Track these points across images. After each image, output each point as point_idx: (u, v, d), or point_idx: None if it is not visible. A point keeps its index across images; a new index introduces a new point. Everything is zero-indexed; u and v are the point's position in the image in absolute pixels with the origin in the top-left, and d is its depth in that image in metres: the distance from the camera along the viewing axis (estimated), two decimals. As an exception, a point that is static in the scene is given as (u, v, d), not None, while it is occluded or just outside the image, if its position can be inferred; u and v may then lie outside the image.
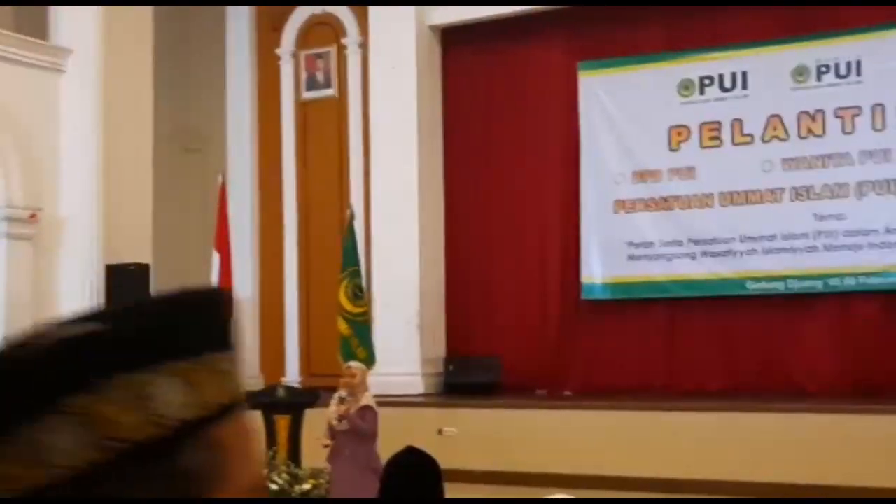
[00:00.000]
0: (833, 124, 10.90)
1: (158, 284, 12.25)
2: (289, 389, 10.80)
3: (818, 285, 10.94)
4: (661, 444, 10.23)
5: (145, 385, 0.74)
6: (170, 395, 0.75)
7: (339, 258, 10.87)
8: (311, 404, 10.01)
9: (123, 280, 11.87)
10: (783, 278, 11.04)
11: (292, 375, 13.05)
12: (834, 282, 10.85)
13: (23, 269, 11.80)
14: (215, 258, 10.04)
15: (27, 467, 0.73)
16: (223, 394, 0.79)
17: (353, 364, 7.90)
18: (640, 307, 11.80)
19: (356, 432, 7.35)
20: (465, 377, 12.09)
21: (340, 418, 7.61)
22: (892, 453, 9.28)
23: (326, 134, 13.30)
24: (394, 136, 12.49)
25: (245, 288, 13.04)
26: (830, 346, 10.85)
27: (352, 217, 10.80)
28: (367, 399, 7.48)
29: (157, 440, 0.74)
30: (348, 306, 10.14)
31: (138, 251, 12.13)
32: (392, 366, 11.68)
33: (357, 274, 10.31)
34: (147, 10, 12.63)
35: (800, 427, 9.87)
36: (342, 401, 7.85)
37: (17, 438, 0.73)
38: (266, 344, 13.49)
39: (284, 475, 9.66)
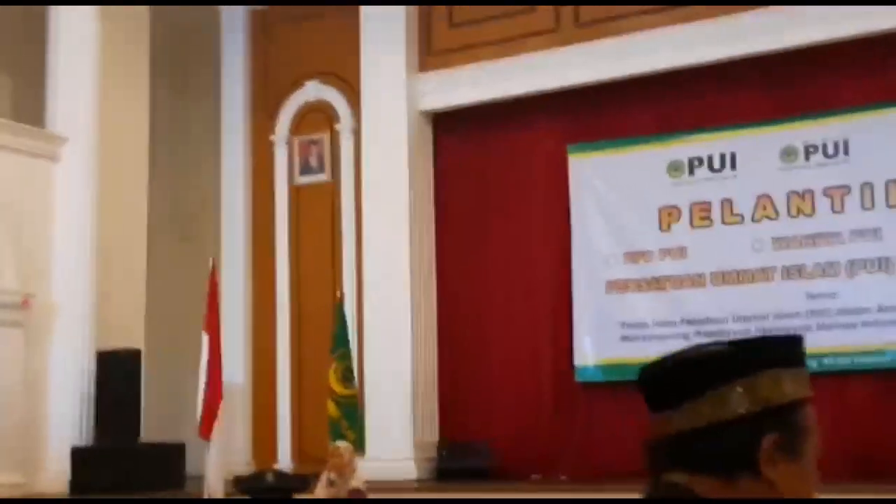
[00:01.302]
0: (822, 203, 10.93)
1: (149, 369, 12.20)
2: (279, 475, 10.69)
3: (813, 365, 10.74)
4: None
5: (776, 377, 1.47)
6: (787, 384, 1.48)
7: (330, 341, 10.81)
8: (301, 490, 9.90)
9: (114, 365, 11.81)
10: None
11: (284, 460, 12.90)
12: (828, 361, 10.76)
13: (14, 355, 11.74)
14: (204, 339, 9.98)
15: (713, 409, 1.45)
16: (803, 389, 1.50)
17: (341, 444, 7.76)
18: (633, 390, 11.64)
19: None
20: (459, 462, 11.95)
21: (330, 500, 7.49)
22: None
23: (319, 218, 13.35)
24: (386, 220, 12.54)
25: (237, 373, 12.96)
26: (825, 426, 10.67)
27: (342, 299, 10.78)
28: (357, 481, 7.35)
29: (783, 405, 1.47)
30: (338, 388, 10.05)
31: (130, 337, 12.10)
32: (384, 450, 11.55)
33: (347, 356, 10.25)
34: (143, 97, 12.79)
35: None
36: (332, 483, 7.72)
37: (704, 396, 1.46)
38: (258, 428, 13.37)
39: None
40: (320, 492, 7.71)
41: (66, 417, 11.89)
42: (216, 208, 14.03)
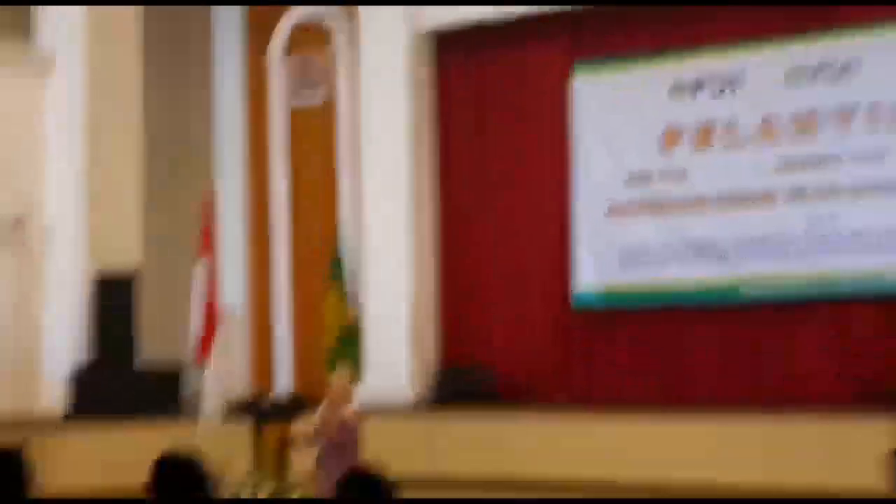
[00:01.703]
0: (827, 125, 10.75)
1: (146, 293, 12.11)
2: (276, 399, 10.68)
3: (813, 290, 10.78)
4: (656, 452, 10.07)
5: None
6: None
7: (329, 267, 10.71)
8: (299, 414, 9.88)
9: (110, 289, 11.72)
10: (778, 282, 10.88)
11: (283, 385, 12.88)
12: (829, 286, 10.68)
13: (7, 277, 11.65)
14: (200, 265, 9.89)
15: None
16: None
17: (334, 375, 7.70)
18: (633, 315, 11.63)
19: (336, 446, 7.17)
20: (458, 387, 11.93)
21: (317, 432, 7.44)
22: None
23: (317, 140, 13.15)
24: (385, 142, 12.35)
25: (235, 297, 12.89)
26: (826, 351, 10.68)
27: (339, 225, 10.64)
28: (349, 411, 7.29)
29: None
30: (336, 315, 10.00)
31: (126, 259, 11.98)
32: (383, 376, 11.52)
33: (345, 283, 10.16)
34: (134, 13, 12.46)
35: (797, 435, 9.71)
36: (324, 414, 7.68)
37: None
38: (256, 353, 13.34)
39: (272, 484, 9.53)
40: (316, 419, 7.66)
41: (62, 340, 11.83)
42: (212, 129, 13.82)
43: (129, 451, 10.52)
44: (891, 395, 10.02)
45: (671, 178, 11.38)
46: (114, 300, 11.70)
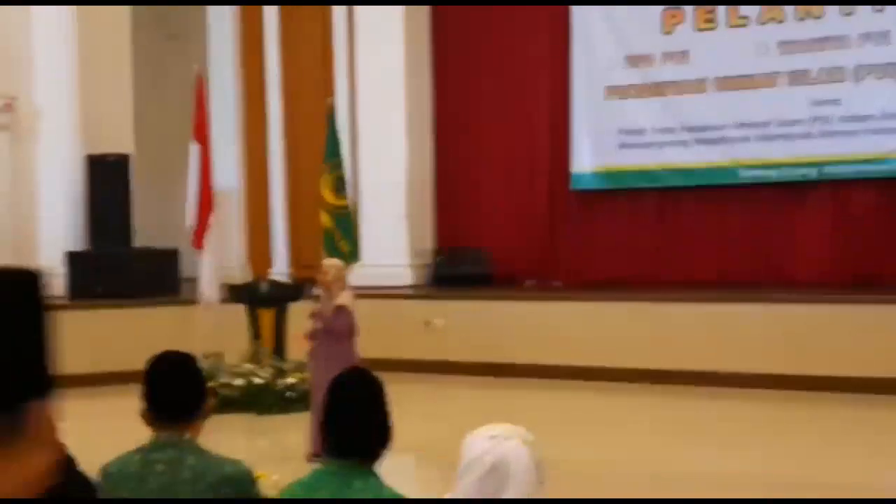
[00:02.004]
0: (831, 6, 10.53)
1: (139, 175, 12.02)
2: (273, 283, 10.67)
3: (813, 173, 10.70)
4: (650, 335, 10.13)
5: None
6: None
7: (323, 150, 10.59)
8: (295, 298, 9.89)
9: (104, 170, 11.62)
10: (777, 166, 10.80)
11: (280, 268, 12.89)
12: (829, 169, 10.61)
13: (0, 158, 11.55)
14: (193, 149, 9.77)
15: None
16: None
17: (326, 262, 7.62)
18: (630, 196, 11.58)
19: (329, 332, 7.16)
20: (454, 269, 11.94)
21: (311, 316, 7.42)
22: (888, 343, 9.17)
23: (311, 19, 12.87)
24: (380, 23, 12.10)
25: (230, 180, 12.80)
26: (825, 234, 10.66)
27: (332, 107, 10.47)
28: (342, 298, 7.24)
29: None
30: (331, 199, 9.90)
31: (119, 141, 11.86)
32: (379, 257, 11.51)
33: (339, 165, 10.05)
34: None
35: (792, 317, 9.75)
36: (319, 299, 7.64)
37: None
38: (253, 236, 13.31)
39: (269, 368, 9.60)
40: (318, 303, 7.62)
41: (57, 221, 11.78)
42: (202, 7, 13.51)
43: (128, 330, 10.61)
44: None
45: (672, 60, 11.19)
46: (108, 182, 11.60)
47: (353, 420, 2.73)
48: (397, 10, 12.05)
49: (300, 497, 2.73)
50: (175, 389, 3.01)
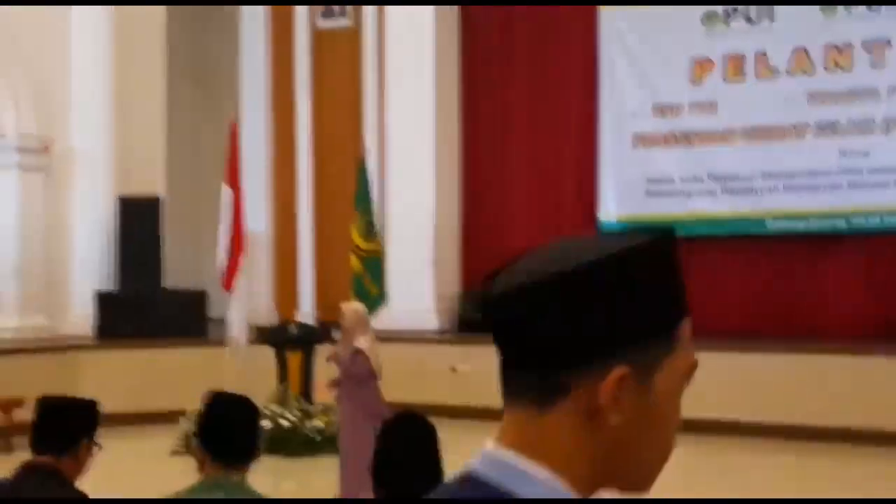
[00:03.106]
0: (861, 58, 10.57)
1: (169, 218, 12.15)
2: (301, 326, 10.71)
3: (841, 224, 10.69)
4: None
5: None
6: None
7: (352, 193, 10.68)
8: (323, 340, 9.93)
9: (135, 211, 11.77)
10: (805, 217, 10.80)
11: (306, 311, 12.95)
12: (858, 221, 10.59)
13: (35, 199, 11.72)
14: (225, 193, 9.89)
15: None
16: None
17: (344, 305, 7.62)
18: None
19: (351, 376, 7.16)
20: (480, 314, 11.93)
21: (328, 360, 7.47)
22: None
23: (341, 65, 13.03)
24: (410, 69, 12.23)
25: (259, 223, 12.90)
26: (854, 285, 10.62)
27: (364, 156, 10.59)
28: (361, 342, 7.23)
29: None
30: (360, 243, 9.98)
31: (150, 184, 12.01)
32: (407, 302, 11.55)
33: (369, 211, 10.14)
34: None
35: (820, 369, 9.70)
36: (338, 343, 7.66)
37: None
38: (280, 279, 13.39)
39: (296, 411, 9.62)
40: (337, 347, 7.65)
41: (88, 262, 11.92)
42: (235, 53, 13.72)
43: (157, 370, 10.70)
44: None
45: (700, 110, 11.25)
46: (139, 223, 11.75)
47: (408, 466, 2.68)
48: (428, 58, 12.18)
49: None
50: (236, 433, 2.95)
